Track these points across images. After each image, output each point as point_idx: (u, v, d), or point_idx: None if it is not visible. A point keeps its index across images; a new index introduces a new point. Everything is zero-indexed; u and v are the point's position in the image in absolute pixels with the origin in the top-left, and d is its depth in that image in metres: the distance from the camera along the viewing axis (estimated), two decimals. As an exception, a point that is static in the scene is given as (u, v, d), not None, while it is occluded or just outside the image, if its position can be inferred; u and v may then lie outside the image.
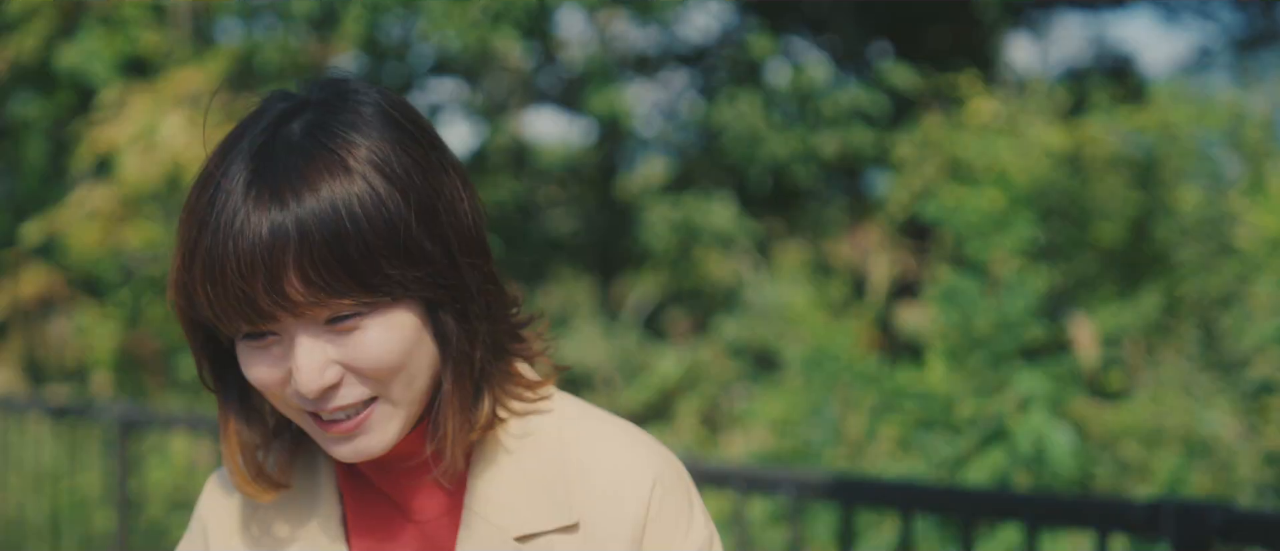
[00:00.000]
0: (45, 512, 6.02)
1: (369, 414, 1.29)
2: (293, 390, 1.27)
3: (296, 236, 1.21)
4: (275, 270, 1.22)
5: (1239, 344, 5.06)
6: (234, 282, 1.22)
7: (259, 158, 1.26)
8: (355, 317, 1.25)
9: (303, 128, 1.28)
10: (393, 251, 1.24)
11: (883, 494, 3.26)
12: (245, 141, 1.28)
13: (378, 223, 1.24)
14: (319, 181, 1.23)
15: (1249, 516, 2.63)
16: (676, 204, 8.51)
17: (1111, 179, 6.76)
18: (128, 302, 8.89)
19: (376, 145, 1.27)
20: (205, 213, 1.25)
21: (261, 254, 1.21)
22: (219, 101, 7.88)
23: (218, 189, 1.26)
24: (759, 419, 5.39)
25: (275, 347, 1.27)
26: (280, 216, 1.22)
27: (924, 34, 9.70)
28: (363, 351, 1.26)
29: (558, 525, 1.34)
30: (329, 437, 1.30)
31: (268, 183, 1.23)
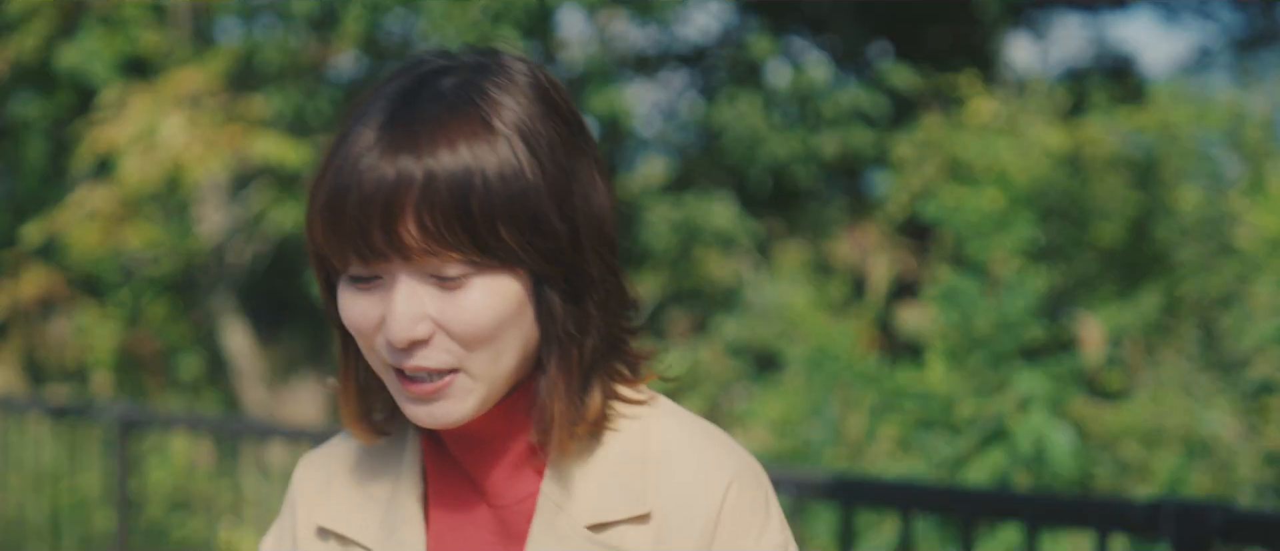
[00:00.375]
0: (45, 512, 6.02)
1: (448, 382, 1.28)
2: (382, 337, 1.27)
3: (422, 182, 1.22)
4: (393, 211, 1.22)
5: (1239, 344, 5.06)
6: (352, 216, 1.23)
7: (401, 101, 1.27)
8: (461, 276, 1.25)
9: (452, 83, 1.28)
10: (517, 218, 1.24)
11: (883, 494, 3.26)
12: (392, 86, 1.29)
13: (508, 187, 1.24)
14: (457, 134, 1.24)
15: (1249, 516, 2.64)
16: (677, 204, 8.51)
17: (1111, 179, 6.76)
18: (128, 303, 8.89)
19: (523, 113, 1.27)
20: (339, 145, 1.27)
21: (383, 192, 1.22)
22: (219, 101, 7.89)
23: (356, 124, 1.27)
24: (759, 419, 5.39)
25: (378, 291, 1.27)
26: (410, 160, 1.22)
27: (924, 34, 9.70)
28: (460, 312, 1.25)
29: (629, 515, 1.33)
30: (408, 396, 1.30)
31: (405, 126, 1.24)
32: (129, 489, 5.22)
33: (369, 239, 1.23)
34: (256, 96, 8.17)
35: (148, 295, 8.94)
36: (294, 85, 8.41)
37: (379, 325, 1.28)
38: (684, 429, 1.39)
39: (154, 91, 7.72)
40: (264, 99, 8.18)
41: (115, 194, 7.85)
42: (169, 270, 8.75)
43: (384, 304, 1.27)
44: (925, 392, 4.19)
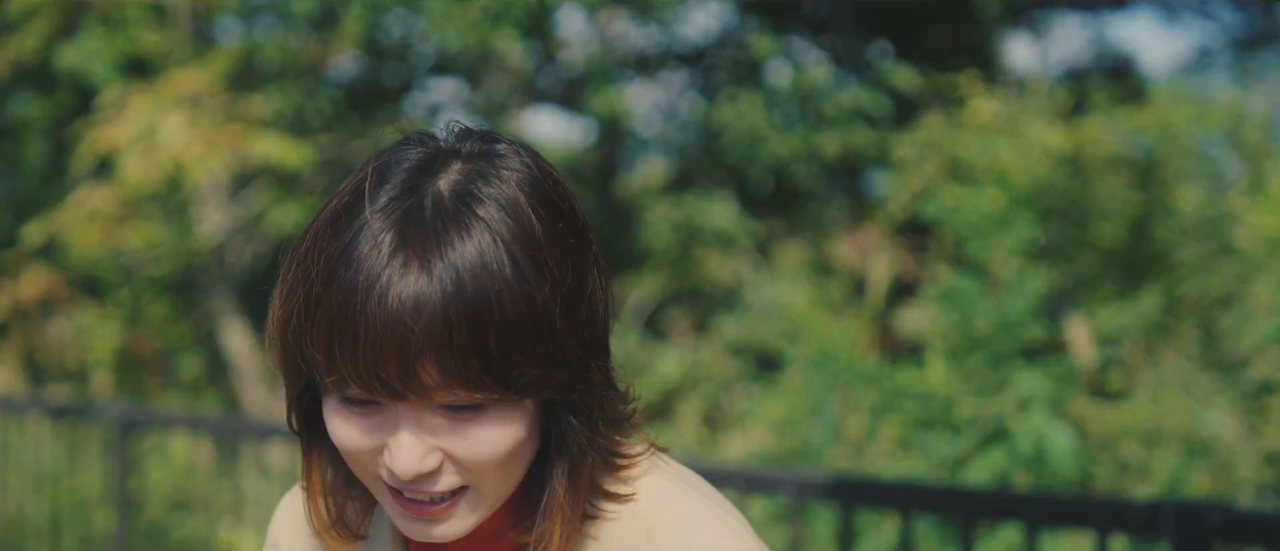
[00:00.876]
0: (45, 512, 6.02)
1: (455, 502, 1.23)
2: (384, 467, 1.21)
3: (441, 323, 1.14)
4: (412, 354, 1.14)
5: (1239, 344, 5.06)
6: (365, 353, 1.15)
7: (406, 221, 1.17)
8: (473, 410, 1.18)
9: (453, 193, 1.18)
10: (534, 348, 1.17)
11: (883, 494, 3.26)
12: (386, 192, 1.19)
13: (524, 317, 1.16)
14: (470, 263, 1.15)
15: (1249, 516, 2.64)
16: (677, 204, 8.51)
17: (1111, 179, 6.77)
18: (128, 303, 8.89)
19: (529, 225, 1.18)
20: (338, 265, 1.16)
21: (400, 334, 1.14)
22: (219, 101, 7.90)
23: (355, 242, 1.16)
24: (759, 419, 5.39)
25: (376, 416, 1.20)
26: (427, 298, 1.14)
27: (924, 34, 9.70)
28: (473, 445, 1.20)
29: None
30: (406, 516, 1.24)
31: (416, 253, 1.15)
32: (129, 489, 5.22)
33: (384, 378, 1.15)
34: (256, 96, 8.18)
35: (148, 295, 8.94)
36: (294, 85, 8.41)
37: (377, 450, 1.21)
38: (684, 509, 1.31)
39: (154, 91, 7.72)
40: (264, 99, 8.18)
41: (115, 194, 7.85)
42: (169, 270, 8.75)
43: (382, 431, 1.20)
44: (925, 392, 4.19)
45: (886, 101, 8.39)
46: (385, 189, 1.19)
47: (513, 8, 7.73)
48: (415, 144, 1.23)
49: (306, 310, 1.18)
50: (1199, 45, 11.32)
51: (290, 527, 1.42)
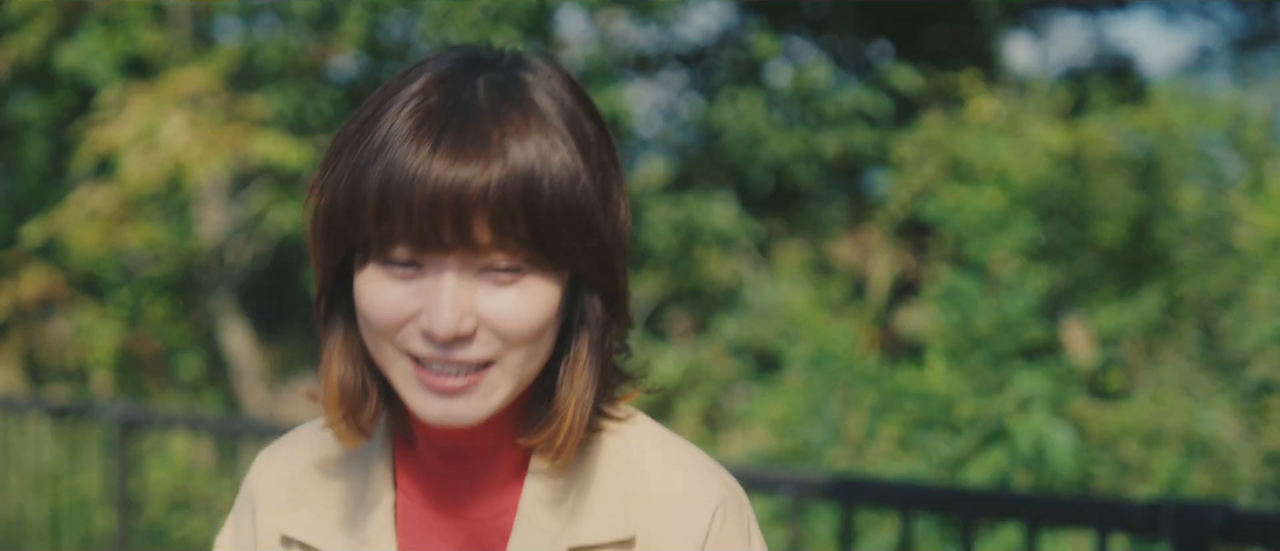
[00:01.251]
0: (45, 512, 6.02)
1: (480, 377, 1.26)
2: (422, 328, 1.24)
3: (497, 182, 1.21)
4: (468, 208, 1.20)
5: (1239, 344, 5.06)
6: (421, 205, 1.20)
7: (455, 93, 1.25)
8: (514, 272, 1.24)
9: (501, 79, 1.27)
10: (574, 219, 1.24)
11: (883, 494, 3.26)
12: (437, 75, 1.26)
13: (567, 188, 1.24)
14: (522, 132, 1.23)
15: (1249, 516, 2.64)
16: (677, 204, 8.51)
17: (1112, 179, 6.77)
18: (128, 303, 8.89)
19: (569, 114, 1.27)
20: (397, 125, 1.23)
21: (458, 188, 1.20)
22: (219, 101, 7.90)
23: (401, 112, 1.24)
24: (759, 419, 5.39)
25: (416, 280, 1.24)
26: (481, 158, 1.21)
27: (924, 34, 9.70)
28: (509, 308, 1.24)
29: (613, 539, 1.32)
30: (427, 393, 1.26)
31: (468, 120, 1.23)
32: (129, 489, 5.22)
33: (438, 232, 1.21)
34: (257, 96, 8.18)
35: (148, 295, 8.94)
36: (294, 85, 8.41)
37: (410, 316, 1.25)
38: (668, 449, 1.37)
39: (154, 91, 7.72)
40: (264, 99, 8.18)
41: (116, 194, 7.85)
42: (169, 270, 8.75)
43: (423, 295, 1.24)
44: (925, 392, 4.19)
45: (887, 101, 8.39)
46: (435, 75, 1.26)
47: (513, 7, 7.73)
48: (454, 50, 1.31)
49: (358, 174, 1.23)
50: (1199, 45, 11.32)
51: (271, 478, 1.42)
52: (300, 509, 1.39)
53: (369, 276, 1.25)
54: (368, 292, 1.26)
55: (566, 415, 1.30)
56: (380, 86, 1.30)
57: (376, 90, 1.30)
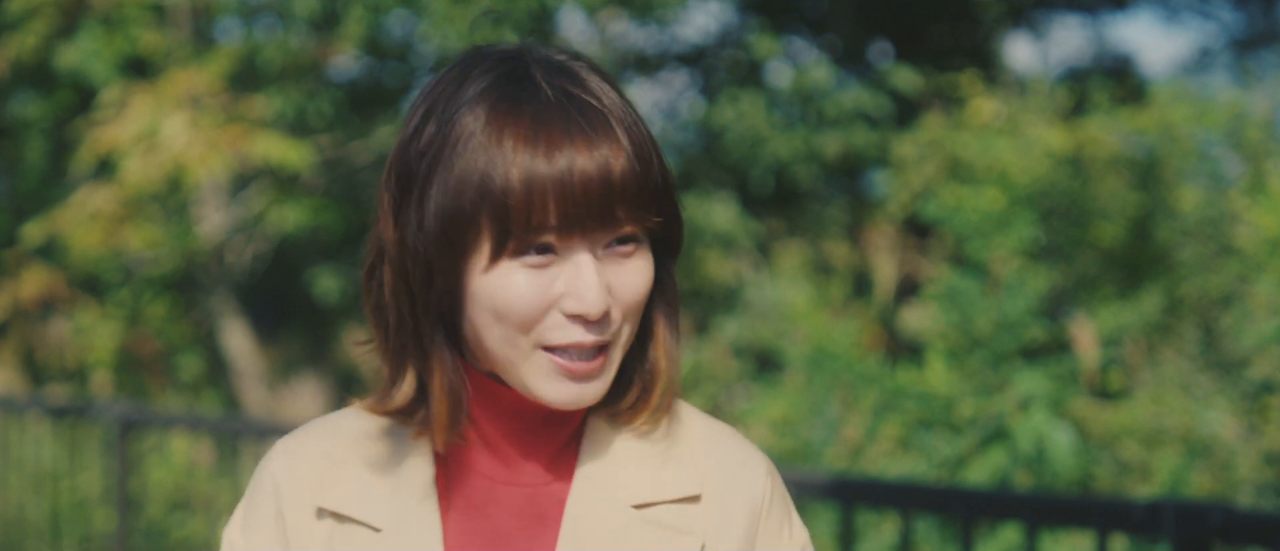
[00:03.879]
0: (45, 512, 6.02)
1: (604, 359, 1.32)
2: (569, 311, 1.29)
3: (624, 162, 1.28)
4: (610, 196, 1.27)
5: (1239, 344, 5.06)
6: (572, 201, 1.26)
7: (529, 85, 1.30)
8: (633, 243, 1.31)
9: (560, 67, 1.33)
10: (668, 182, 1.33)
11: (883, 494, 3.26)
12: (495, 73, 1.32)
13: (657, 160, 1.32)
14: (619, 116, 1.31)
15: (1249, 516, 2.64)
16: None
17: (1112, 179, 6.76)
18: (128, 303, 8.90)
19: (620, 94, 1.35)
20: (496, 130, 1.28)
21: (602, 180, 1.27)
22: (220, 102, 7.90)
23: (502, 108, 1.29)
24: (760, 419, 5.39)
25: (551, 269, 1.29)
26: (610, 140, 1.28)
27: (924, 34, 9.70)
28: (632, 278, 1.31)
29: (679, 495, 1.36)
30: (562, 378, 1.31)
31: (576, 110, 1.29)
32: (129, 489, 5.22)
33: (585, 221, 1.27)
34: (257, 97, 8.18)
35: (148, 295, 8.94)
36: (295, 86, 8.41)
37: (551, 304, 1.29)
38: (709, 420, 1.44)
39: (155, 92, 7.72)
40: (265, 99, 8.18)
41: (116, 194, 7.85)
42: (169, 270, 8.75)
43: (559, 281, 1.29)
44: (925, 392, 4.19)
45: (887, 102, 8.39)
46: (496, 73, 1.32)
47: (514, 9, 7.73)
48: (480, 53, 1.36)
49: (487, 169, 1.27)
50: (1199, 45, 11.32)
51: (297, 460, 1.42)
52: (336, 483, 1.38)
53: (504, 272, 1.29)
54: (505, 287, 1.29)
55: (661, 376, 1.37)
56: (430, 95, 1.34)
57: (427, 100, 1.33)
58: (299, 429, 1.46)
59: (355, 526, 1.36)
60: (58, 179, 9.07)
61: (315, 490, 1.39)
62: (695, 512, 1.36)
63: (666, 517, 1.35)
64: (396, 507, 1.36)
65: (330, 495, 1.38)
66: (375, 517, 1.36)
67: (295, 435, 1.45)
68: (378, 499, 1.37)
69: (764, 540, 1.38)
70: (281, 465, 1.42)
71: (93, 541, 5.92)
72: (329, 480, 1.39)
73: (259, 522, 1.41)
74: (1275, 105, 7.73)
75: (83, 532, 5.99)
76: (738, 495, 1.37)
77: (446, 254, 1.30)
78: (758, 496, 1.38)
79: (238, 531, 1.43)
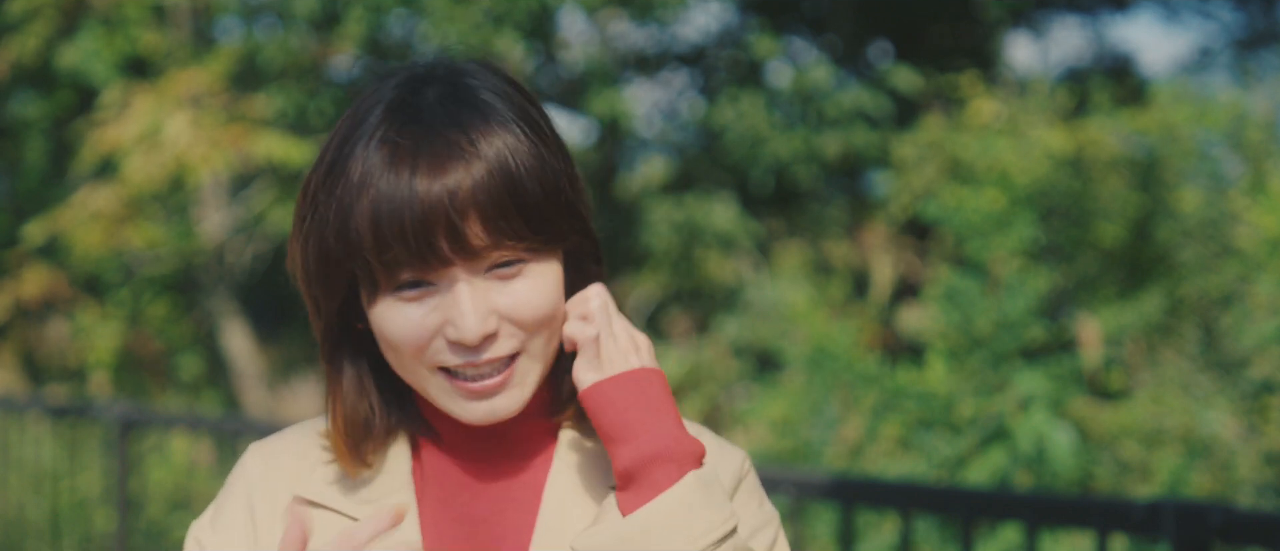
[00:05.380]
0: (45, 512, 6.02)
1: (511, 371, 1.32)
2: (450, 339, 1.29)
3: (476, 184, 1.26)
4: (455, 216, 1.25)
5: (1239, 344, 5.06)
6: (413, 228, 1.25)
7: (412, 114, 1.30)
8: (518, 264, 1.30)
9: (453, 88, 1.32)
10: (554, 199, 1.31)
11: (883, 494, 3.26)
12: (385, 104, 1.31)
13: (540, 173, 1.30)
14: (485, 133, 1.29)
15: (1249, 516, 2.63)
16: (678, 204, 8.51)
17: (1113, 180, 6.76)
18: (128, 303, 8.89)
19: (516, 106, 1.33)
20: (369, 163, 1.28)
21: (443, 201, 1.25)
22: (221, 101, 7.90)
23: (377, 141, 1.28)
24: (760, 419, 5.39)
25: (430, 298, 1.29)
26: (459, 166, 1.26)
27: (924, 34, 9.70)
28: (522, 298, 1.31)
29: None
30: (465, 398, 1.32)
31: (434, 135, 1.28)
32: (129, 489, 5.22)
33: (435, 248, 1.26)
34: (258, 96, 8.18)
35: (148, 295, 8.94)
36: (296, 85, 8.41)
37: (434, 333, 1.30)
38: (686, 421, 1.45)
39: (156, 91, 7.72)
40: (266, 99, 8.18)
41: (117, 194, 7.85)
42: (169, 270, 8.75)
43: (441, 310, 1.29)
44: (925, 392, 4.19)
45: (887, 102, 8.39)
46: (386, 103, 1.31)
47: (514, 9, 7.73)
48: (391, 75, 1.36)
49: (345, 213, 1.28)
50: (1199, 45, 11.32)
51: (271, 459, 1.44)
52: (314, 475, 1.41)
53: (384, 307, 1.30)
54: (387, 321, 1.31)
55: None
56: (332, 132, 1.35)
57: (330, 137, 1.34)
58: (274, 434, 1.49)
59: (333, 516, 1.38)
60: (59, 179, 9.07)
61: (292, 483, 1.41)
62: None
63: None
64: (373, 497, 1.38)
65: (308, 486, 1.40)
66: (352, 507, 1.38)
67: (270, 437, 1.48)
68: (355, 489, 1.39)
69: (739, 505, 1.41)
70: (254, 463, 1.44)
71: (93, 541, 5.92)
72: (306, 473, 1.41)
73: (228, 520, 1.43)
74: (1276, 105, 7.72)
75: (83, 532, 5.99)
76: (721, 462, 1.41)
77: (326, 293, 1.33)
78: (734, 474, 1.41)
79: (206, 528, 1.44)
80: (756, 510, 1.42)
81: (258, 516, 1.41)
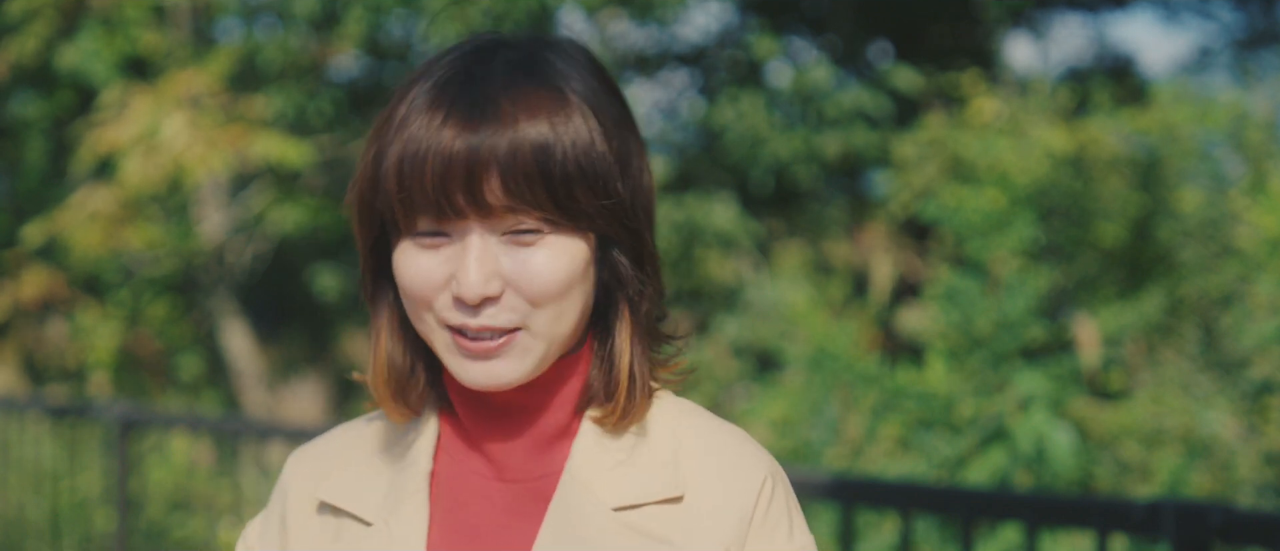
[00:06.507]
0: (45, 512, 6.02)
1: (509, 340, 1.30)
2: (453, 293, 1.29)
3: (506, 146, 1.26)
4: (477, 171, 1.25)
5: (1239, 344, 5.05)
6: (433, 174, 1.26)
7: (473, 71, 1.30)
8: (535, 234, 1.29)
9: (520, 56, 1.32)
10: (591, 181, 1.29)
11: (883, 494, 3.26)
12: (457, 58, 1.33)
13: (583, 152, 1.28)
14: (536, 103, 1.28)
15: (1249, 516, 2.63)
16: (678, 204, 8.51)
17: (1113, 180, 6.76)
18: (128, 303, 8.89)
19: (587, 88, 1.32)
20: (407, 111, 1.30)
21: (467, 154, 1.26)
22: (220, 102, 7.89)
23: (424, 93, 1.30)
24: (760, 418, 5.38)
25: (444, 249, 1.29)
26: (493, 126, 1.26)
27: (924, 34, 9.70)
28: (533, 269, 1.29)
29: (660, 497, 1.34)
30: (465, 357, 1.31)
31: (483, 94, 1.28)
32: (129, 489, 5.22)
33: (451, 198, 1.26)
34: (257, 96, 8.17)
35: (148, 295, 8.94)
36: (295, 85, 8.40)
37: (442, 284, 1.30)
38: (710, 421, 1.41)
39: (155, 92, 7.72)
40: (265, 99, 8.18)
41: (117, 194, 7.85)
42: (169, 270, 8.75)
43: (452, 262, 1.29)
44: (925, 392, 4.18)
45: (887, 102, 8.39)
46: (455, 57, 1.33)
47: (514, 9, 7.73)
48: (483, 36, 1.36)
49: (381, 155, 1.30)
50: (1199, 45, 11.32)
51: (304, 462, 1.45)
52: (336, 477, 1.41)
53: (402, 250, 1.31)
54: (402, 265, 1.31)
55: (623, 374, 1.35)
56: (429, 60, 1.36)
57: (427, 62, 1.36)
58: (323, 435, 1.49)
59: (348, 519, 1.39)
60: (58, 179, 9.07)
61: (317, 485, 1.42)
62: (676, 515, 1.34)
63: (645, 522, 1.33)
64: (388, 502, 1.38)
65: (328, 488, 1.41)
66: (366, 511, 1.38)
67: (308, 444, 1.49)
68: (372, 493, 1.39)
69: (755, 543, 1.36)
70: (291, 466, 1.46)
71: (93, 541, 5.92)
72: (331, 474, 1.42)
73: (270, 523, 1.46)
74: (1276, 105, 7.72)
75: (83, 532, 5.99)
76: (724, 499, 1.35)
77: (363, 234, 1.35)
78: (747, 502, 1.35)
79: (256, 532, 1.47)
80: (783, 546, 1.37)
81: (289, 523, 1.42)
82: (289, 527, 1.42)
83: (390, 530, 1.36)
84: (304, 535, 1.41)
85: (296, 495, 1.43)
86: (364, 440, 1.44)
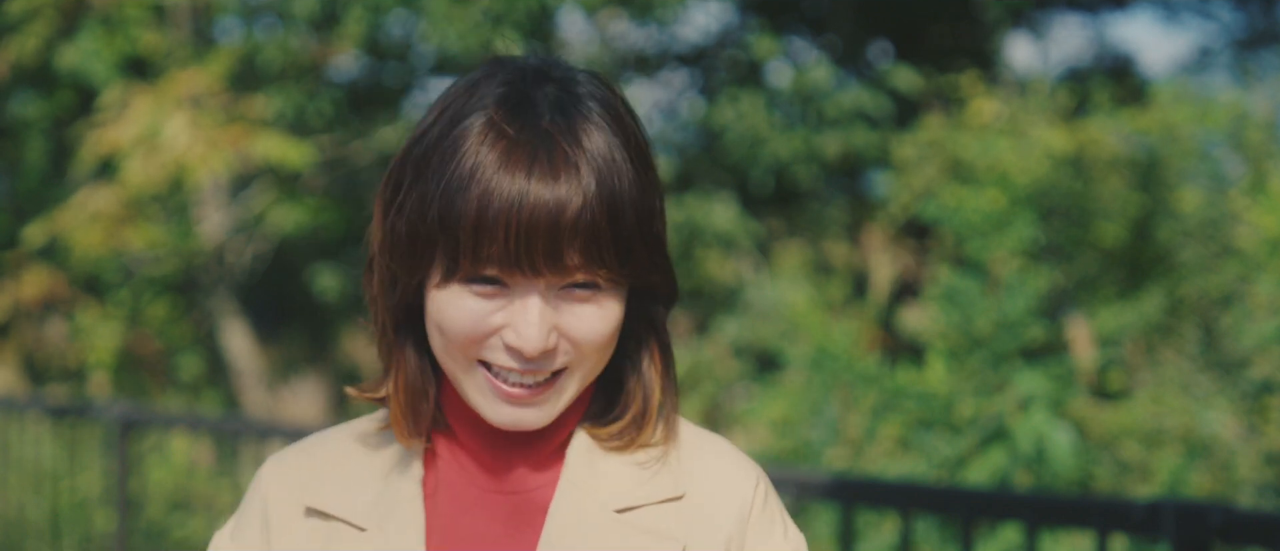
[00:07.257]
0: (45, 512, 6.02)
1: (552, 384, 1.32)
2: (509, 344, 1.29)
3: (582, 208, 1.25)
4: (558, 236, 1.25)
5: (1239, 344, 5.06)
6: (518, 235, 1.25)
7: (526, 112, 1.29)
8: (593, 289, 1.30)
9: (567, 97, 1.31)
10: (646, 235, 1.31)
11: (883, 494, 3.26)
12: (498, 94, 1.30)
13: (640, 208, 1.30)
14: (603, 156, 1.28)
15: (1249, 516, 2.63)
16: (678, 204, 8.51)
17: (1113, 180, 6.76)
18: (128, 303, 8.89)
19: (629, 133, 1.32)
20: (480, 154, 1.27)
21: (552, 220, 1.25)
22: (220, 102, 7.89)
23: (488, 137, 1.27)
24: (760, 418, 5.38)
25: (499, 297, 1.29)
26: (570, 180, 1.26)
27: (924, 34, 9.70)
28: (587, 322, 1.30)
29: (661, 497, 1.37)
30: (497, 399, 1.32)
31: (552, 141, 1.27)
32: (129, 489, 5.22)
33: (532, 260, 1.26)
34: (258, 97, 8.17)
35: (148, 295, 8.94)
36: (295, 86, 8.40)
37: (492, 331, 1.29)
38: (706, 437, 1.44)
39: (156, 92, 7.72)
40: (265, 99, 8.18)
41: (117, 195, 7.85)
42: (169, 270, 8.75)
43: (506, 312, 1.29)
44: (925, 392, 4.18)
45: (887, 102, 8.39)
46: (498, 94, 1.31)
47: (514, 9, 7.72)
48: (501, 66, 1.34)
49: (450, 197, 1.27)
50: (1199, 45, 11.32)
51: (286, 470, 1.44)
52: (325, 483, 1.41)
53: (452, 293, 1.30)
54: (448, 306, 1.30)
55: (636, 410, 1.38)
56: (440, 104, 1.33)
57: (437, 109, 1.33)
58: (291, 446, 1.49)
59: (341, 525, 1.38)
60: (58, 179, 9.07)
61: (303, 492, 1.41)
62: (677, 513, 1.36)
63: (648, 521, 1.35)
64: (382, 509, 1.38)
65: (318, 495, 1.40)
66: (361, 517, 1.38)
67: (286, 451, 1.48)
68: (365, 500, 1.39)
69: (754, 539, 1.39)
70: (270, 472, 1.45)
71: (93, 541, 5.92)
72: (318, 481, 1.41)
73: (245, 530, 1.44)
74: (1276, 105, 7.72)
75: (83, 532, 5.99)
76: (723, 496, 1.38)
77: (408, 268, 1.32)
78: (744, 500, 1.38)
79: (227, 538, 1.46)
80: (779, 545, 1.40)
81: (272, 529, 1.41)
82: (272, 532, 1.41)
83: (386, 535, 1.36)
84: (290, 541, 1.40)
85: (278, 501, 1.42)
86: (350, 448, 1.43)
